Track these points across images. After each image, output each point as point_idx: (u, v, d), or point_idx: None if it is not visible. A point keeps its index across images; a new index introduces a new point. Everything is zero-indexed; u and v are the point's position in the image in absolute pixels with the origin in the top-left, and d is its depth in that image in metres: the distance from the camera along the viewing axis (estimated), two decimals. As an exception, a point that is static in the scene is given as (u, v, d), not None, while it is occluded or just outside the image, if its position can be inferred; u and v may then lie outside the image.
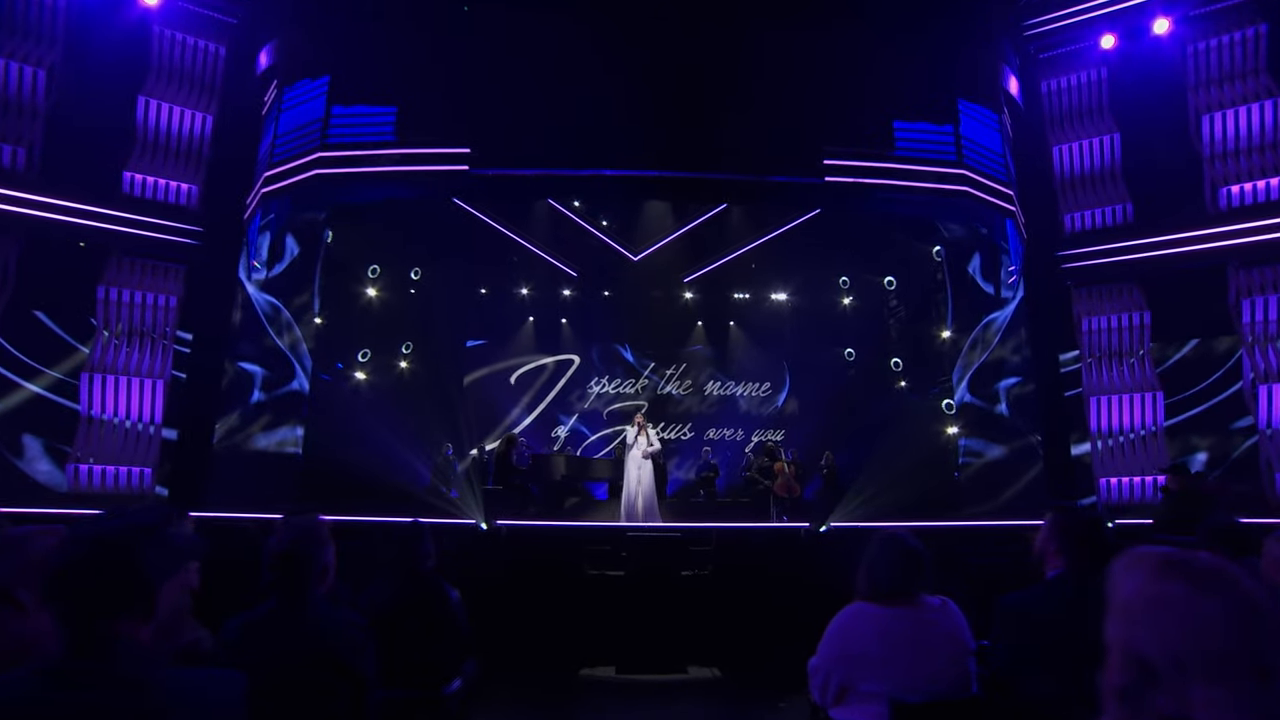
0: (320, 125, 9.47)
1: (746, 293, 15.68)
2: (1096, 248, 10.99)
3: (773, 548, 6.20)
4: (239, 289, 10.99)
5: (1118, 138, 11.05)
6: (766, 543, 6.51)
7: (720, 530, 6.42)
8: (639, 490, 9.30)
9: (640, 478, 9.37)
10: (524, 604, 5.45)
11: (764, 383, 15.69)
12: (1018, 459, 11.45)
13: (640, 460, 9.52)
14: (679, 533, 6.13)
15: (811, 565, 5.76)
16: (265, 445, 10.82)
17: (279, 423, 10.98)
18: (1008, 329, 11.87)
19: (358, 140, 9.51)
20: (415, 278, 14.78)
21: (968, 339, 12.37)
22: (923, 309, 13.47)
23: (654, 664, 5.39)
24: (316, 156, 9.31)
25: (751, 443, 15.32)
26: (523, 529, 6.43)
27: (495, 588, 5.49)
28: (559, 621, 5.44)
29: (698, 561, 6.08)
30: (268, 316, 11.28)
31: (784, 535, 6.85)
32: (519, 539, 6.15)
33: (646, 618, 5.57)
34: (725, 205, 14.07)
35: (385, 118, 9.55)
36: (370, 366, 13.87)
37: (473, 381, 15.42)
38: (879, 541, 2.36)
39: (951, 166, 9.78)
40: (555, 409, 15.45)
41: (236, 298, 10.94)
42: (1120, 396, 10.63)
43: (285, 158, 9.70)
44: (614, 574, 5.99)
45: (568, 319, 15.62)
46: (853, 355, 15.35)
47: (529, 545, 6.17)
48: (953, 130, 9.86)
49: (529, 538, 6.30)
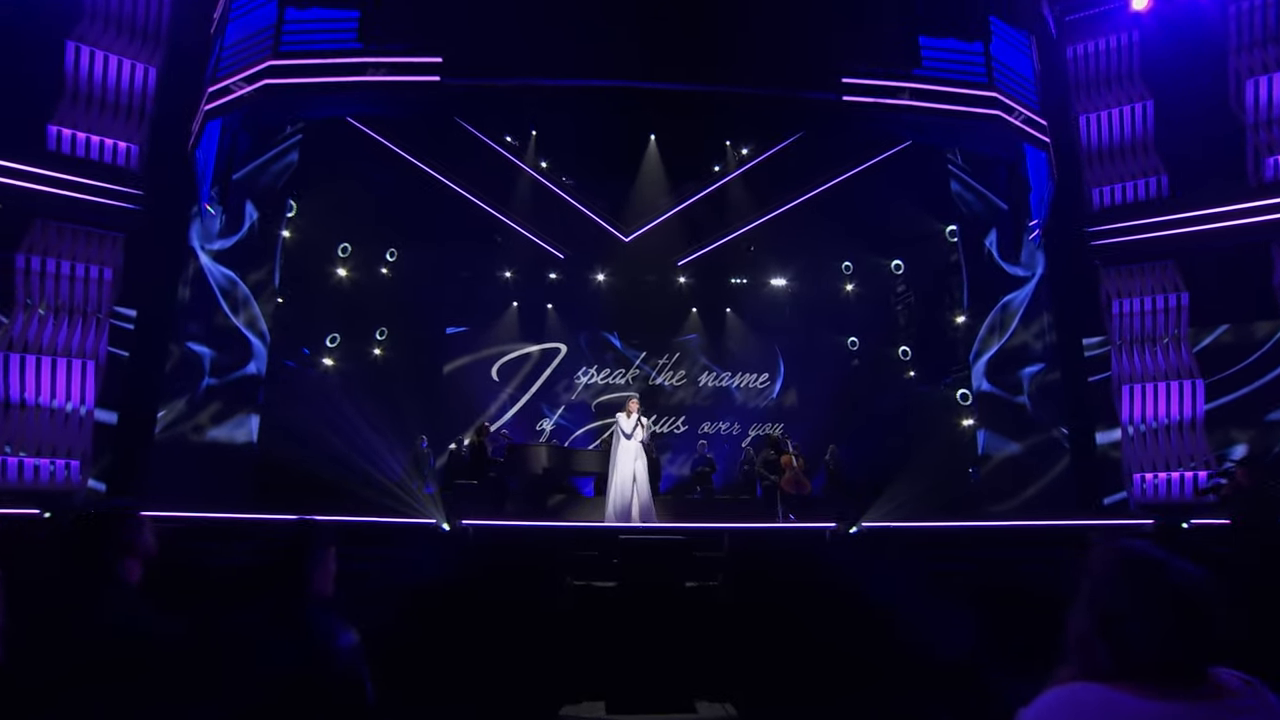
0: (272, 32, 8.25)
1: (744, 277, 14.57)
2: (1128, 223, 9.98)
3: (795, 553, 5.07)
4: (191, 260, 9.74)
5: (1150, 105, 10.04)
6: (788, 547, 5.36)
7: (733, 532, 5.29)
8: (635, 488, 8.01)
9: (637, 472, 8.07)
10: (492, 623, 4.29)
11: (761, 373, 14.61)
12: (1041, 453, 10.42)
13: (638, 452, 8.22)
14: (683, 535, 4.99)
15: (844, 575, 4.64)
16: (215, 436, 9.57)
17: (231, 411, 9.73)
18: (1029, 312, 10.84)
19: (316, 48, 8.28)
20: (391, 259, 13.56)
21: (984, 323, 11.32)
22: (934, 293, 12.42)
23: (653, 700, 4.25)
24: (267, 65, 8.08)
25: (749, 437, 14.24)
26: (493, 530, 5.27)
27: (456, 603, 4.33)
28: (535, 646, 4.29)
29: (705, 570, 4.94)
30: (223, 291, 10.04)
31: (807, 538, 5.70)
32: (488, 542, 4.99)
33: (643, 641, 4.42)
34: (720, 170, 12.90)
35: (347, 23, 8.35)
36: (340, 352, 12.63)
37: (453, 370, 14.23)
38: (1115, 567, 1.20)
39: (981, 89, 8.70)
40: (540, 400, 14.29)
41: (187, 270, 9.69)
42: (1155, 384, 9.62)
43: (232, 70, 8.46)
44: (603, 586, 4.84)
45: (554, 304, 14.45)
46: (856, 344, 14.29)
47: (500, 550, 5.00)
48: (983, 49, 8.81)
49: (501, 541, 5.15)
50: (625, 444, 8.25)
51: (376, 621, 2.31)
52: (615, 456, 8.26)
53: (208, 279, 9.96)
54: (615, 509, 8.01)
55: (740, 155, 12.57)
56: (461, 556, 4.91)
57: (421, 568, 4.68)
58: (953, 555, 5.12)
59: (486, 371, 14.36)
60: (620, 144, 12.27)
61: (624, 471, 8.17)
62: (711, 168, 12.90)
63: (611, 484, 8.13)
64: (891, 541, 5.29)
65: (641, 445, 8.23)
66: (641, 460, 8.20)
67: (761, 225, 13.26)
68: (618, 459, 8.22)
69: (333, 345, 12.50)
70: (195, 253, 9.82)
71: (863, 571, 4.70)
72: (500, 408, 14.25)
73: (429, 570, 4.65)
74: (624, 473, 8.16)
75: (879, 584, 4.52)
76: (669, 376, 14.37)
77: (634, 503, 7.90)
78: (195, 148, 8.96)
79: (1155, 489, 9.43)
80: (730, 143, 12.49)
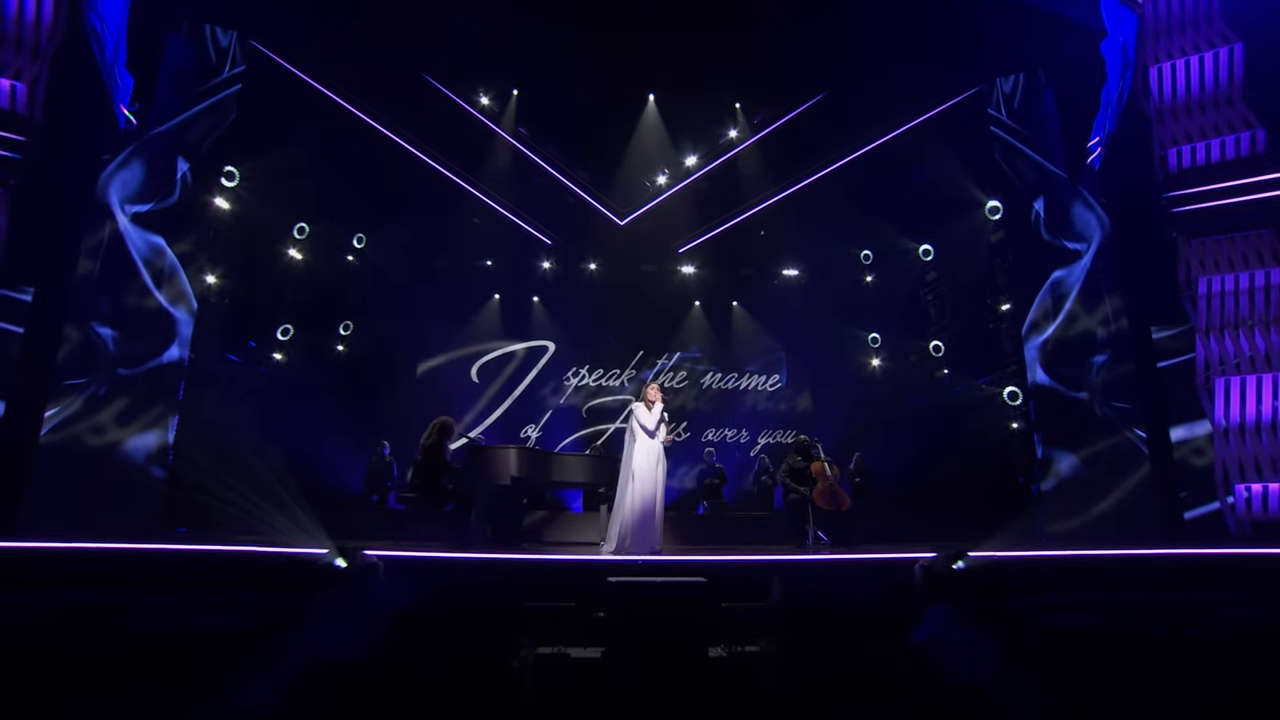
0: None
1: (752, 267, 12.79)
2: (1214, 186, 8.24)
3: (876, 607, 3.21)
4: (107, 222, 7.92)
5: (1239, 49, 8.33)
6: (864, 590, 3.49)
7: (784, 569, 3.42)
8: (656, 504, 5.82)
9: (659, 481, 5.89)
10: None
11: (772, 374, 12.80)
12: (1112, 460, 8.59)
13: (660, 455, 6.03)
14: (704, 575, 3.13)
15: (959, 641, 2.78)
16: (119, 439, 7.66)
17: (141, 409, 7.82)
18: (1088, 292, 9.06)
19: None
20: (359, 245, 11.75)
21: (1031, 309, 9.54)
22: (971, 279, 10.64)
23: None
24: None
25: (758, 445, 12.40)
26: (416, 566, 3.40)
27: (349, 690, 2.45)
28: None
29: (741, 631, 3.08)
30: (145, 260, 8.19)
31: (889, 577, 3.79)
32: (407, 585, 3.15)
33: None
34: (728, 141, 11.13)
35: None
36: (294, 347, 10.76)
37: (426, 372, 12.37)
38: None
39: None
40: (525, 405, 12.44)
41: (99, 234, 7.86)
42: (1258, 378, 7.82)
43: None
44: (583, 657, 2.99)
45: (541, 296, 12.65)
46: (879, 341, 12.51)
47: (426, 598, 3.16)
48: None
49: (427, 582, 3.32)
50: (646, 444, 5.95)
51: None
52: (631, 461, 5.93)
53: (127, 246, 8.11)
54: (632, 532, 5.73)
55: (753, 124, 10.82)
56: (360, 610, 3.04)
57: (288, 629, 2.80)
58: (1122, 602, 3.29)
59: (465, 372, 12.53)
60: (614, 108, 10.53)
61: (644, 482, 5.82)
62: (718, 136, 11.15)
63: (627, 498, 5.85)
64: (1029, 579, 3.44)
65: (666, 443, 6.11)
66: (664, 467, 6.06)
67: (774, 205, 11.51)
68: (635, 465, 5.87)
69: (285, 338, 10.63)
70: (113, 213, 7.99)
71: (986, 635, 2.85)
72: (479, 414, 12.39)
73: (303, 635, 2.77)
74: (645, 484, 5.81)
75: (1017, 655, 2.69)
76: (669, 378, 12.55)
77: (653, 525, 5.81)
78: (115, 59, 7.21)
79: (1265, 503, 7.58)
80: (741, 105, 10.75)
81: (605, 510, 6.47)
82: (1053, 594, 3.57)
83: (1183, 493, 8.29)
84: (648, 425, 5.99)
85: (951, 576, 3.48)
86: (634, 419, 6.06)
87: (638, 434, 6.01)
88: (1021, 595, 3.48)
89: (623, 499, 5.90)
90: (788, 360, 12.81)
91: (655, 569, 3.33)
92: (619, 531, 5.69)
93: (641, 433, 6.00)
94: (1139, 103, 8.70)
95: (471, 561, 3.63)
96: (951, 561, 3.50)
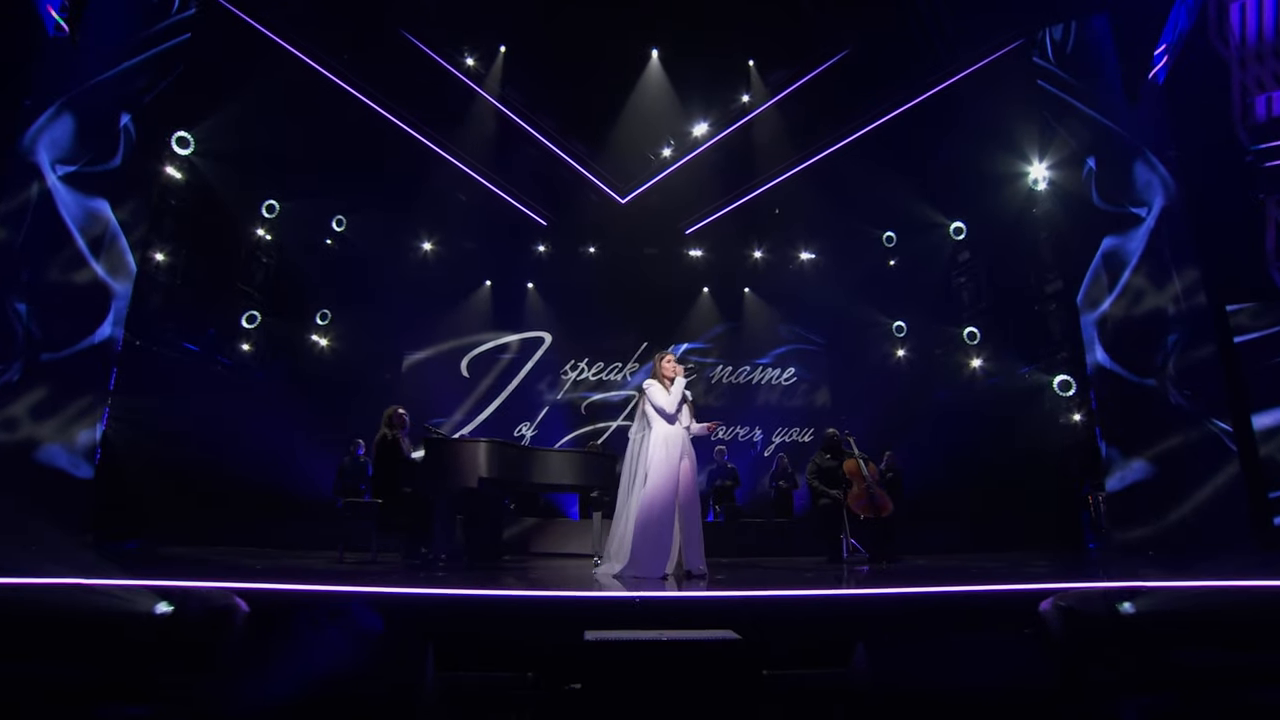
0: None
1: (766, 250, 11.55)
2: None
3: (1025, 674, 1.95)
4: (35, 182, 6.73)
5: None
6: (997, 650, 2.18)
7: (859, 607, 2.13)
8: (677, 511, 4.27)
9: (684, 480, 4.34)
10: None
11: (787, 368, 11.54)
12: (1190, 456, 7.27)
13: (687, 446, 4.45)
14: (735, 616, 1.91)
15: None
16: (35, 435, 6.45)
17: (63, 401, 6.62)
18: (1153, 261, 7.76)
19: None
20: (338, 228, 10.58)
21: (1083, 284, 8.23)
22: (1011, 256, 9.38)
23: None
24: None
25: (773, 444, 11.14)
26: (290, 601, 2.10)
27: None
28: None
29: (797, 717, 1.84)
30: (81, 227, 6.99)
31: (1011, 616, 2.39)
32: (268, 644, 1.87)
33: None
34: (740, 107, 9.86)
35: None
36: (262, 336, 9.58)
37: (413, 365, 11.18)
38: None
39: None
40: (519, 402, 11.22)
41: (21, 195, 6.68)
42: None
43: None
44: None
45: (537, 283, 11.45)
46: (904, 330, 11.24)
47: (277, 671, 1.91)
48: None
49: (301, 630, 2.05)
50: (663, 433, 4.39)
51: None
52: (648, 455, 4.36)
53: (58, 209, 6.91)
54: (637, 549, 4.21)
55: (768, 85, 9.57)
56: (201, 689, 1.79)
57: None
58: None
59: (455, 365, 11.32)
60: (612, 69, 9.30)
61: (661, 482, 4.24)
62: (729, 100, 9.91)
63: (631, 502, 4.37)
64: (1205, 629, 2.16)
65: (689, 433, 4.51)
66: (693, 461, 4.52)
67: (791, 179, 10.25)
68: (651, 459, 4.32)
69: (251, 325, 9.44)
70: (41, 172, 6.81)
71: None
72: (470, 411, 11.17)
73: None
74: (661, 484, 4.24)
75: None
76: (676, 371, 11.29)
77: (679, 540, 4.27)
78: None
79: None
80: (755, 63, 9.50)
81: (600, 518, 5.20)
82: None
83: (1273, 493, 7.00)
84: (665, 407, 4.40)
85: (1116, 624, 2.24)
86: (646, 401, 4.53)
87: (652, 419, 4.44)
88: (1207, 652, 2.23)
89: (625, 504, 4.42)
90: (804, 352, 11.56)
91: (658, 611, 2.13)
92: (616, 548, 4.35)
93: (657, 418, 4.43)
94: (1214, 44, 7.44)
95: (375, 599, 2.32)
96: (1115, 602, 2.24)
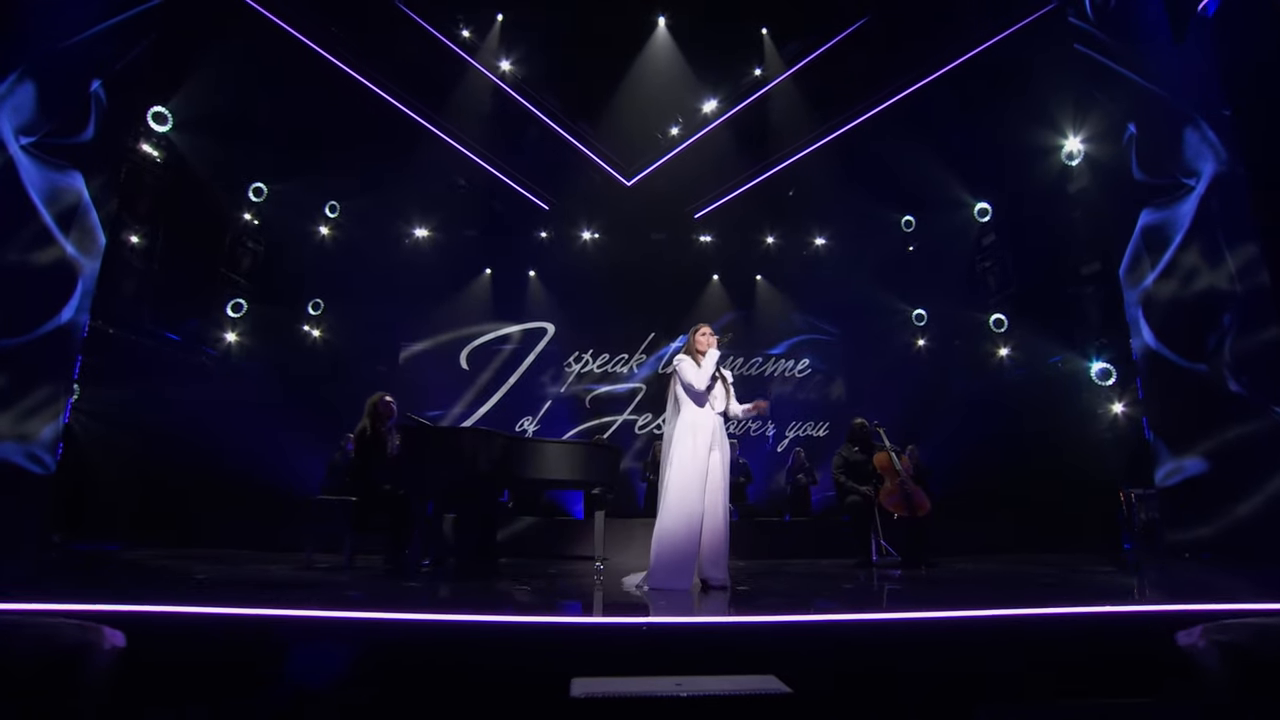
0: None
1: (779, 235, 10.89)
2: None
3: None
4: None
5: None
6: None
7: (959, 632, 1.52)
8: (704, 515, 3.58)
9: (711, 475, 3.63)
10: None
11: (801, 359, 10.88)
12: (1252, 449, 6.56)
13: (714, 433, 3.70)
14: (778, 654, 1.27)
15: None
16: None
17: (22, 391, 6.05)
18: (1202, 238, 7.03)
19: None
20: (332, 215, 10.02)
21: (1124, 257, 7.51)
22: (1043, 239, 8.68)
23: None
24: None
25: (786, 439, 10.49)
26: (173, 627, 1.50)
27: None
28: None
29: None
30: (47, 200, 6.41)
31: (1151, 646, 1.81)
32: (134, 690, 1.29)
33: None
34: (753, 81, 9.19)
35: None
36: (249, 326, 9.01)
37: (410, 358, 10.60)
38: None
39: None
40: (521, 395, 10.62)
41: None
42: None
43: None
44: None
45: (539, 271, 10.84)
46: (924, 318, 10.57)
47: None
48: None
49: (186, 667, 1.41)
50: (691, 418, 3.69)
51: None
52: (674, 445, 3.66)
53: (21, 181, 6.33)
54: (656, 558, 3.57)
55: (782, 57, 8.91)
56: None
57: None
58: None
59: (454, 358, 10.73)
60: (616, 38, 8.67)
61: (686, 478, 3.57)
62: (741, 74, 9.26)
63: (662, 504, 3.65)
64: None
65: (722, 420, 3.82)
66: (725, 453, 3.78)
67: (806, 159, 9.60)
68: (675, 451, 3.64)
69: (237, 315, 8.88)
70: (3, 142, 6.23)
71: None
72: (470, 404, 10.58)
73: None
74: (686, 482, 3.57)
75: None
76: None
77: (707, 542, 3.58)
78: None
79: None
80: (769, 32, 8.84)
81: (602, 518, 4.56)
82: None
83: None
84: (694, 383, 3.67)
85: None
86: (675, 379, 3.83)
87: (682, 403, 3.72)
88: None
89: (665, 505, 3.61)
90: (819, 342, 10.90)
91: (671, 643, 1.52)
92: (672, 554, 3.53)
93: (687, 401, 3.71)
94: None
95: (286, 623, 1.61)
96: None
